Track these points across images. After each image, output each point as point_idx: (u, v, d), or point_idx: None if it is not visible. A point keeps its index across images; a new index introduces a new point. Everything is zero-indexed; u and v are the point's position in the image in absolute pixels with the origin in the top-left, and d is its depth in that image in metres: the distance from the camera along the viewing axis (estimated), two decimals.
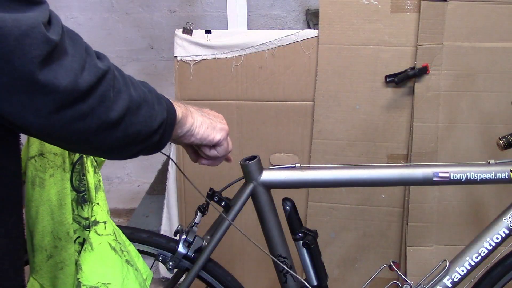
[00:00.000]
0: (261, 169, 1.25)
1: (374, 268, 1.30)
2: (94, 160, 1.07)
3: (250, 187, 1.25)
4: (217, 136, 0.99)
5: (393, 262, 1.30)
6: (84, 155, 1.06)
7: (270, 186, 1.26)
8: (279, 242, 1.28)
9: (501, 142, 1.26)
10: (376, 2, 1.73)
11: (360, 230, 1.90)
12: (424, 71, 1.72)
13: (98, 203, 1.08)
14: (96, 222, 1.07)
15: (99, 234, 1.06)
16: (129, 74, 0.85)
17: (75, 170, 1.04)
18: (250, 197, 1.26)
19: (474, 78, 1.75)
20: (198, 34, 1.82)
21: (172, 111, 0.85)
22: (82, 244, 1.05)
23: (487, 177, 1.22)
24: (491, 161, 1.23)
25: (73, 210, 1.05)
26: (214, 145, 1.02)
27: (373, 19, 1.73)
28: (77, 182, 1.05)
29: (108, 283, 1.01)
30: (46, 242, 1.04)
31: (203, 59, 1.83)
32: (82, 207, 1.06)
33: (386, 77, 1.75)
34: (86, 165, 1.05)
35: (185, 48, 1.82)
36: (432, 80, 1.74)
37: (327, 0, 1.75)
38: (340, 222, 1.90)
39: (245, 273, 1.99)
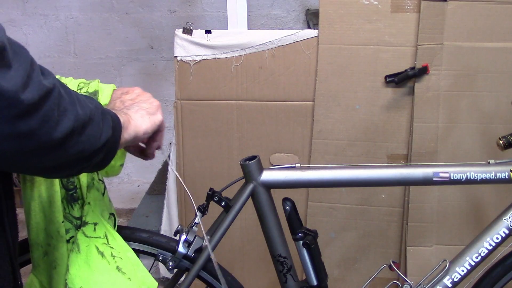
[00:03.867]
0: (261, 169, 1.25)
1: (374, 268, 1.30)
2: None
3: (250, 187, 1.25)
4: (158, 117, 0.95)
5: (393, 262, 1.30)
6: None
7: (270, 186, 1.26)
8: (279, 242, 1.28)
9: (501, 142, 1.26)
10: (376, 2, 1.73)
11: (360, 230, 1.90)
12: (424, 71, 1.72)
13: (89, 203, 1.07)
14: (85, 223, 1.05)
15: (86, 236, 1.04)
16: (130, 74, 0.84)
17: None
18: (250, 197, 1.26)
19: (474, 78, 1.75)
20: (198, 34, 1.82)
21: (117, 126, 0.81)
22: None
23: (487, 177, 1.22)
24: (491, 161, 1.24)
25: (64, 209, 1.03)
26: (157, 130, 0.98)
27: (373, 19, 1.73)
28: (65, 180, 1.04)
29: None
30: (41, 239, 1.03)
31: (203, 59, 1.83)
32: (72, 206, 1.05)
33: (386, 77, 1.75)
34: None
35: (185, 48, 1.82)
36: (432, 80, 1.74)
37: (327, 0, 1.75)
38: (340, 222, 1.90)
39: (245, 273, 1.99)
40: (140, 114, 0.91)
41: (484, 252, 1.26)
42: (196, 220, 1.27)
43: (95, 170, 0.81)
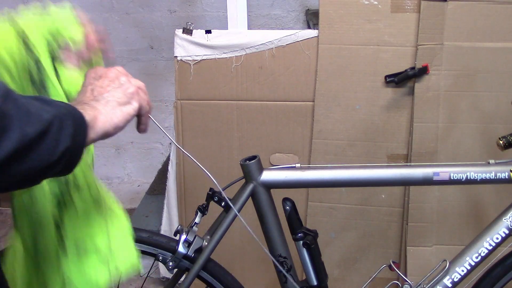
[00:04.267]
0: (261, 169, 1.25)
1: (374, 268, 1.30)
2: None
3: (250, 187, 1.25)
4: (133, 106, 0.86)
5: (393, 262, 1.30)
6: None
7: (270, 186, 1.26)
8: (279, 242, 1.28)
9: (501, 142, 1.26)
10: (376, 2, 1.73)
11: (360, 230, 1.90)
12: (424, 71, 1.72)
13: None
14: None
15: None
16: (130, 74, 0.81)
17: None
18: (250, 197, 1.26)
19: (474, 78, 1.75)
20: (198, 34, 1.82)
21: (80, 132, 0.74)
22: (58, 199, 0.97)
23: (487, 177, 1.22)
24: (491, 161, 1.24)
25: None
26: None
27: (373, 19, 1.73)
28: None
29: None
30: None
31: (203, 59, 1.83)
32: None
33: (386, 77, 1.75)
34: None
35: (185, 48, 1.82)
36: (432, 80, 1.74)
37: (327, 0, 1.75)
38: (340, 222, 1.90)
39: (245, 273, 1.99)
40: (110, 106, 0.82)
41: (484, 252, 1.26)
42: (196, 220, 1.27)
43: (59, 176, 0.75)
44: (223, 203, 1.26)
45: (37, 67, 0.89)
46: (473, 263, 1.27)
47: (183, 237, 1.25)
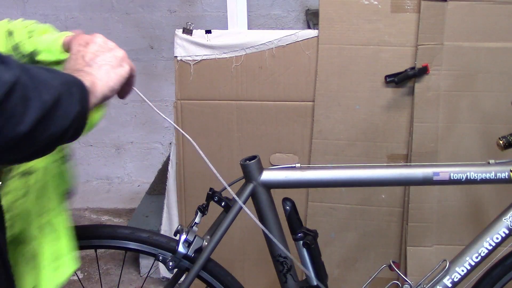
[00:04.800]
0: (261, 169, 1.25)
1: (374, 268, 1.30)
2: None
3: (250, 187, 1.25)
4: (125, 69, 0.89)
5: (393, 262, 1.29)
6: None
7: (270, 186, 1.26)
8: (279, 242, 1.28)
9: (501, 142, 1.26)
10: (376, 2, 1.73)
11: (360, 230, 1.90)
12: (424, 71, 1.72)
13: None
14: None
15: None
16: None
17: None
18: (250, 197, 1.26)
19: (474, 78, 1.75)
20: (198, 34, 1.82)
21: (84, 96, 0.76)
22: None
23: (487, 177, 1.22)
24: (491, 161, 1.23)
25: None
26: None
27: (373, 19, 1.73)
28: None
29: None
30: None
31: (203, 59, 1.83)
32: None
33: (386, 77, 1.75)
34: None
35: (185, 48, 1.82)
36: (432, 80, 1.74)
37: (327, 0, 1.75)
38: (340, 222, 1.90)
39: (245, 273, 1.99)
40: (104, 70, 0.84)
41: (484, 252, 1.26)
42: (196, 220, 1.27)
43: (68, 142, 0.78)
44: (223, 203, 1.26)
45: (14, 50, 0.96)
46: (473, 263, 1.27)
47: (183, 237, 1.25)
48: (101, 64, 0.85)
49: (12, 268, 0.89)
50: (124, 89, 0.93)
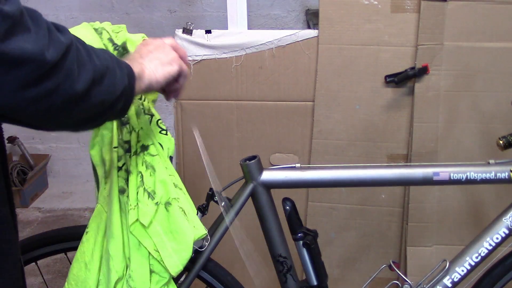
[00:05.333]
0: (261, 169, 1.25)
1: (374, 268, 1.30)
2: None
3: (250, 187, 1.25)
4: (173, 68, 0.98)
5: (393, 262, 1.30)
6: None
7: (270, 186, 1.26)
8: (279, 242, 1.28)
9: (501, 142, 1.26)
10: (376, 2, 1.73)
11: (360, 230, 1.90)
12: (424, 71, 1.72)
13: (141, 128, 1.12)
14: (145, 147, 1.11)
15: (152, 155, 1.11)
16: None
17: None
18: (250, 197, 1.26)
19: (474, 78, 1.75)
20: (198, 34, 1.82)
21: (131, 74, 0.85)
22: (127, 172, 1.10)
23: (487, 177, 1.22)
24: (491, 161, 1.24)
25: (118, 135, 1.11)
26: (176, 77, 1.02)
27: (373, 19, 1.73)
28: None
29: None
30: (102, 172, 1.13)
31: (203, 59, 1.83)
32: (121, 130, 1.11)
33: (386, 77, 1.75)
34: None
35: (185, 48, 1.82)
36: (432, 80, 1.74)
37: (327, 0, 1.75)
38: (340, 222, 1.90)
39: (245, 273, 1.99)
40: (154, 64, 0.94)
41: (484, 252, 1.26)
42: None
43: (116, 118, 0.87)
44: (223, 203, 1.26)
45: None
46: (473, 263, 1.27)
47: None
48: (152, 59, 0.95)
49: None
50: (171, 88, 1.03)
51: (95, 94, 0.72)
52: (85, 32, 1.11)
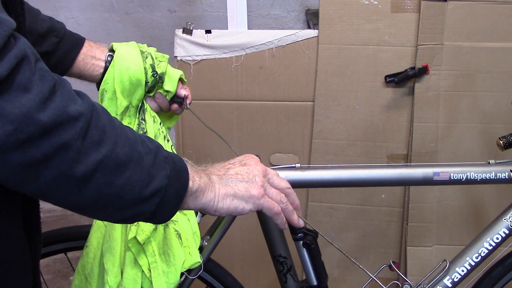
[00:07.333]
0: None
1: (374, 268, 1.30)
2: (152, 111, 1.14)
3: None
4: (246, 206, 0.83)
5: (393, 262, 1.29)
6: (145, 102, 1.12)
7: None
8: (279, 242, 1.28)
9: (501, 142, 1.26)
10: (376, 2, 1.73)
11: (360, 230, 1.90)
12: (424, 71, 1.72)
13: None
14: None
15: None
16: None
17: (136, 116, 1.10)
18: None
19: (474, 78, 1.75)
20: (198, 34, 1.82)
21: (182, 180, 0.73)
22: None
23: (487, 177, 1.22)
24: (491, 161, 1.23)
25: None
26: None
27: (373, 19, 1.73)
28: (137, 126, 1.10)
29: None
30: None
31: (203, 59, 1.83)
32: None
33: (386, 77, 1.75)
34: (146, 112, 1.11)
35: (185, 48, 1.82)
36: (432, 80, 1.74)
37: (327, 0, 1.75)
38: (340, 222, 1.90)
39: (245, 273, 1.99)
40: (224, 192, 0.81)
41: (484, 252, 1.26)
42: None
43: (151, 221, 0.73)
44: None
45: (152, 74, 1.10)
46: (473, 263, 1.27)
47: None
48: (228, 185, 0.82)
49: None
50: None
51: (106, 184, 0.63)
52: (130, 51, 1.08)
